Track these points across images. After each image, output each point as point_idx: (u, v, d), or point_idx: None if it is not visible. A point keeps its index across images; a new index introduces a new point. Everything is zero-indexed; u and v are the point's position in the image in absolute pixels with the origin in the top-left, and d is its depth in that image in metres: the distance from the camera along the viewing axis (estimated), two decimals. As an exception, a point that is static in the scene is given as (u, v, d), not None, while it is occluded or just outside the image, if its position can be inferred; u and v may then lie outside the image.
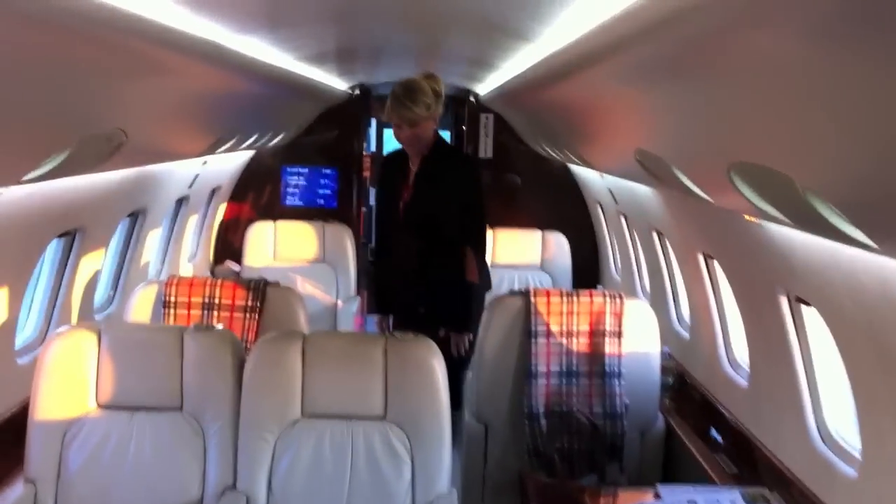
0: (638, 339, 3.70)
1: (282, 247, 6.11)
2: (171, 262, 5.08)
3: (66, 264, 3.50)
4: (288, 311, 3.68)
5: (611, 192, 5.02)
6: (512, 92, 4.43)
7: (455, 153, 4.25)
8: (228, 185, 6.12)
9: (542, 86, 3.40)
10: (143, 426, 2.89)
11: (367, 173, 7.56)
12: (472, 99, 6.60)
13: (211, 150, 3.87)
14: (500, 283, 6.06)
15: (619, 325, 3.69)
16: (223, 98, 3.28)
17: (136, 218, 4.26)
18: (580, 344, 3.70)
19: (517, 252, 6.14)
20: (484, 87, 5.34)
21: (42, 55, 1.67)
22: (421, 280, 4.16)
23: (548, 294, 3.71)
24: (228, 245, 6.29)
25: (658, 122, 2.38)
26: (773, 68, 1.43)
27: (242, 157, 6.00)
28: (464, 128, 7.19)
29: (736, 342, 3.67)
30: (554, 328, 3.68)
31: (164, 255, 5.05)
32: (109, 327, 2.94)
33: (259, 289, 3.67)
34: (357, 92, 6.41)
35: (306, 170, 6.36)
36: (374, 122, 9.44)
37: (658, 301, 4.69)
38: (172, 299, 3.63)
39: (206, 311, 3.64)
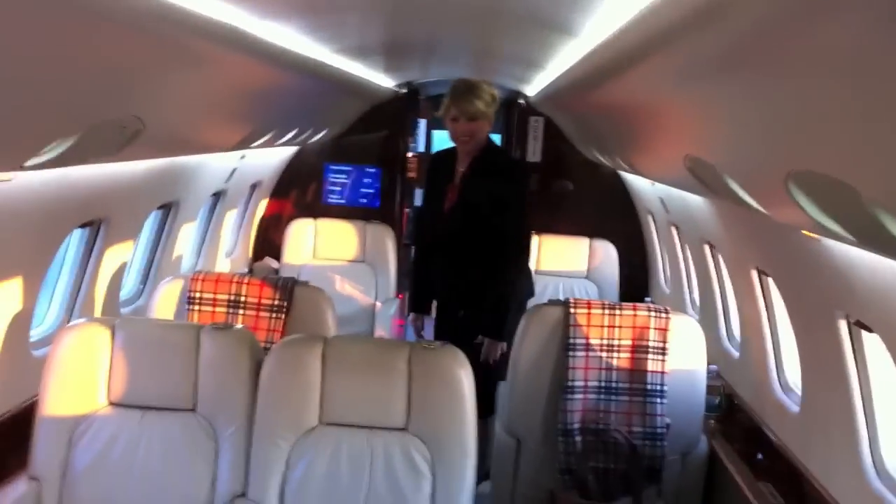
0: (683, 357, 3.49)
1: (321, 245, 5.99)
2: (207, 257, 4.99)
3: (89, 256, 3.40)
4: (316, 311, 3.54)
5: (662, 201, 4.80)
6: (559, 92, 4.25)
7: (504, 157, 4.20)
8: (270, 181, 6.03)
9: (587, 85, 3.21)
10: (154, 426, 2.76)
11: (413, 174, 7.43)
12: (521, 101, 6.43)
13: (244, 144, 3.75)
14: (544, 291, 5.88)
15: (664, 341, 3.48)
16: (255, 91, 3.16)
17: (168, 210, 4.16)
18: (621, 359, 3.50)
19: (563, 259, 5.94)
20: (532, 89, 5.16)
21: (53, 35, 1.54)
22: (461, 282, 4.02)
23: (588, 305, 3.52)
24: (269, 242, 6.19)
25: (709, 125, 2.18)
26: (838, 65, 1.24)
27: (285, 152, 5.90)
28: (513, 131, 7.05)
29: (788, 364, 3.44)
30: (594, 341, 3.49)
31: (200, 250, 4.96)
32: (124, 323, 2.83)
33: (287, 288, 3.53)
34: (404, 90, 6.27)
35: (349, 168, 6.24)
36: (423, 123, 9.33)
37: (708, 316, 4.46)
38: (197, 295, 3.52)
39: (231, 309, 3.52)
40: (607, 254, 5.85)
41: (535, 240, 5.93)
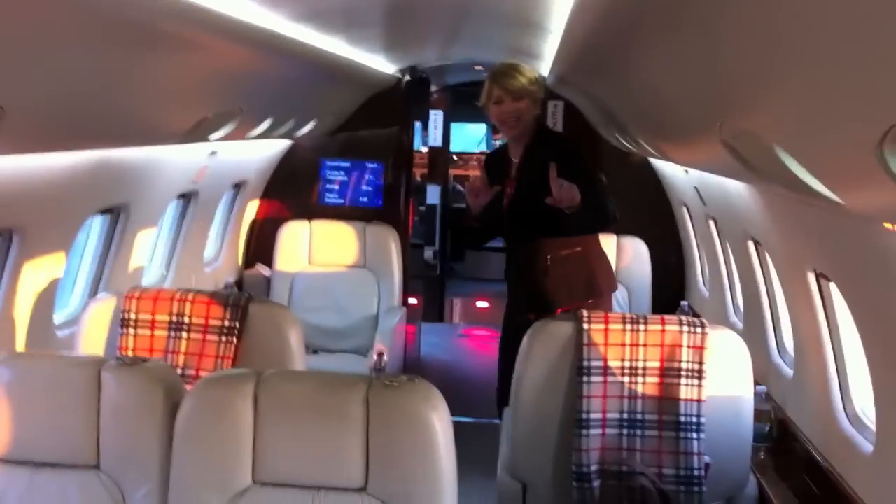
0: (724, 381, 2.83)
1: (317, 250, 5.40)
2: (179, 268, 4.41)
3: (1, 274, 2.83)
4: (276, 333, 2.93)
5: (697, 190, 4.13)
6: (574, 67, 3.62)
7: (558, 137, 3.87)
8: (258, 180, 5.43)
9: (596, 50, 2.58)
10: (48, 488, 2.18)
11: (424, 170, 6.83)
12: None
13: (194, 135, 3.16)
14: None
15: (700, 362, 2.82)
16: (203, 68, 2.58)
17: (116, 215, 3.58)
18: (647, 385, 2.84)
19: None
20: (546, 65, 4.51)
21: None
22: (532, 283, 3.62)
23: (606, 319, 2.87)
24: (262, 247, 5.60)
25: (753, 78, 1.53)
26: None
27: (274, 147, 5.31)
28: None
29: (857, 389, 2.77)
30: (613, 363, 2.84)
31: (170, 260, 4.39)
32: (9, 359, 2.24)
33: (239, 305, 2.92)
34: (407, 77, 5.65)
35: (348, 164, 5.62)
36: (439, 114, 8.72)
37: (754, 326, 3.79)
38: (132, 317, 2.93)
39: (173, 332, 2.93)
40: (637, 252, 5.18)
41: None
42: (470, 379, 6.59)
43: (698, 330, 2.84)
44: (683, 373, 2.83)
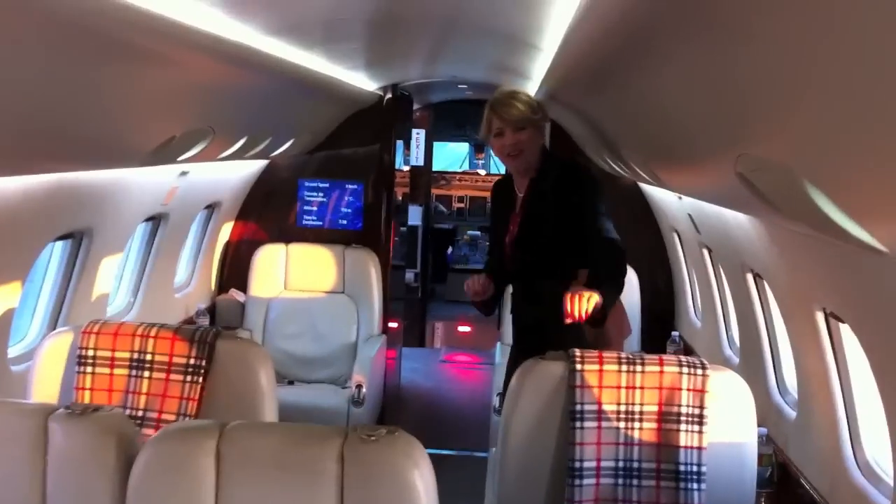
0: (727, 426, 2.63)
1: (294, 274, 5.19)
2: (146, 294, 4.18)
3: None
4: (246, 371, 2.72)
5: (691, 217, 3.95)
6: (566, 84, 3.43)
7: (571, 168, 3.33)
8: (233, 201, 5.22)
9: (593, 69, 2.40)
10: (-14, 556, 1.95)
11: (405, 189, 6.64)
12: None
13: (160, 156, 2.95)
14: None
15: (701, 406, 2.63)
16: (171, 85, 2.38)
17: (78, 240, 3.36)
18: (644, 431, 2.64)
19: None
20: (534, 84, 4.34)
21: None
22: (538, 327, 3.28)
23: (600, 358, 2.67)
24: (237, 271, 5.37)
25: (778, 102, 1.35)
26: None
27: (250, 168, 5.10)
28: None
29: (870, 438, 2.59)
30: (608, 407, 2.64)
31: (137, 287, 4.16)
32: (-57, 406, 2.02)
33: (205, 341, 2.71)
34: (389, 95, 5.46)
35: (327, 184, 5.42)
36: (421, 133, 8.56)
37: (751, 361, 3.61)
38: (90, 353, 2.70)
39: (134, 371, 2.70)
40: (627, 280, 4.98)
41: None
42: (452, 408, 6.38)
43: (699, 371, 2.65)
44: (683, 418, 2.63)
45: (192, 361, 2.71)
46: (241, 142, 3.73)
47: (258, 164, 5.20)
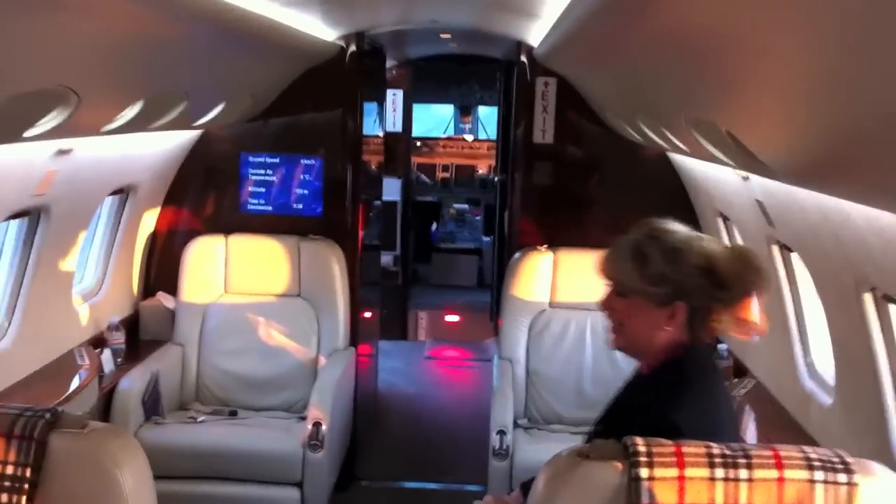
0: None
1: (236, 274, 4.14)
2: (29, 310, 3.12)
3: None
4: (98, 482, 1.66)
5: (760, 205, 2.88)
6: (580, 34, 2.37)
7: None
8: (156, 183, 4.11)
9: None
10: None
11: (378, 158, 5.54)
12: (523, 58, 4.52)
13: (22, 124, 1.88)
14: (563, 333, 4.11)
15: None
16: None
17: None
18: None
19: (586, 285, 3.97)
20: (538, 35, 3.24)
21: None
22: None
23: (679, 457, 1.62)
24: (167, 270, 4.29)
25: None
26: None
27: (177, 139, 4.00)
28: (513, 101, 5.21)
29: None
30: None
31: (12, 306, 3.10)
32: None
33: (31, 437, 1.64)
34: (353, 47, 4.34)
35: (276, 159, 4.32)
36: (398, 93, 7.46)
37: (851, 400, 2.58)
38: None
39: None
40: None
41: (549, 257, 4.16)
42: (440, 423, 5.34)
43: (842, 476, 1.61)
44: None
45: (8, 470, 1.65)
46: (135, 108, 2.64)
47: (188, 136, 4.11)
